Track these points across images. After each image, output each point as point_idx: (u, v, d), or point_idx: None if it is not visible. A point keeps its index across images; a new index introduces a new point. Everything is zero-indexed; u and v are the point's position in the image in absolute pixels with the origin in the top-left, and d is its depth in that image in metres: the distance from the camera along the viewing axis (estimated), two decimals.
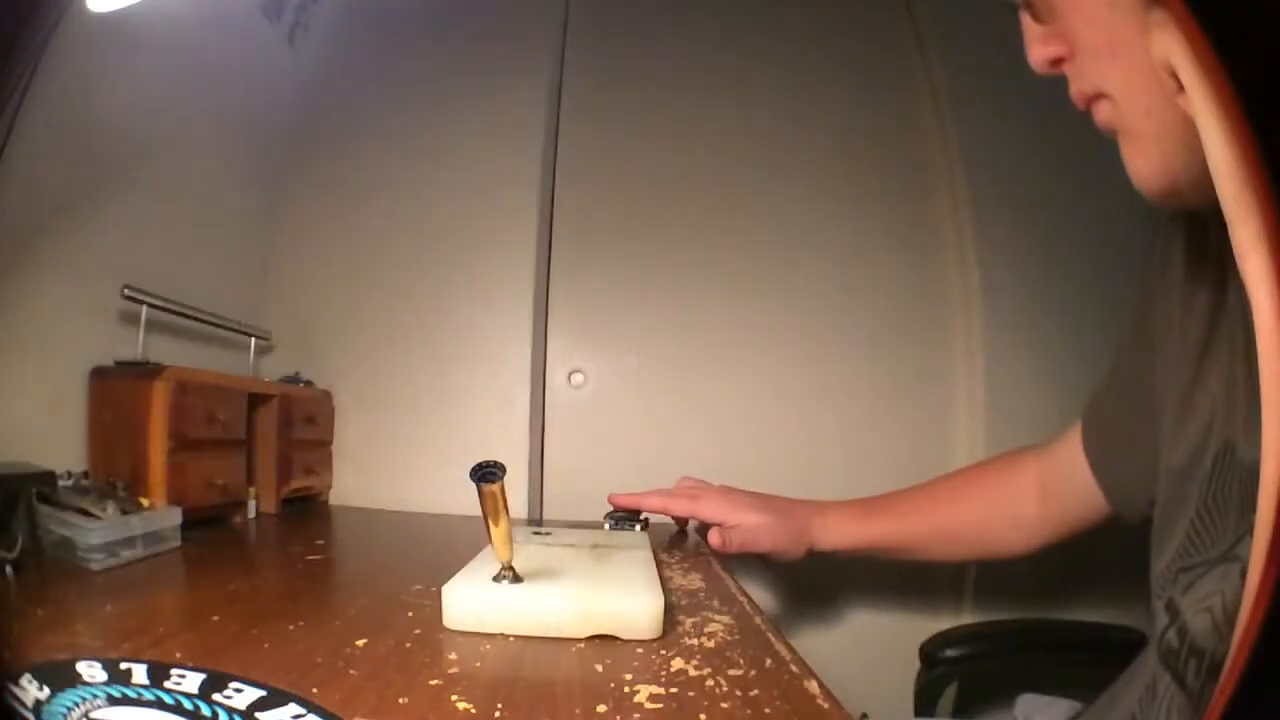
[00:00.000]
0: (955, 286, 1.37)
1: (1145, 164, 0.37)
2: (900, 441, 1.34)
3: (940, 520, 0.82)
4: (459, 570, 0.56)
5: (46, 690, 0.35)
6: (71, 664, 0.39)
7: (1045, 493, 0.74)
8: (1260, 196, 0.22)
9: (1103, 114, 0.38)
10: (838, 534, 0.85)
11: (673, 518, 0.98)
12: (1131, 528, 0.61)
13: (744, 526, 0.84)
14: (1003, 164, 1.35)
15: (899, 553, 0.85)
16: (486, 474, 0.48)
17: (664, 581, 0.61)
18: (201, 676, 0.39)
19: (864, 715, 0.91)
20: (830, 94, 1.43)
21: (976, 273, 1.33)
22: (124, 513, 0.71)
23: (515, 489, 1.11)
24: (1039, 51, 0.39)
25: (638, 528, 0.90)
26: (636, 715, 0.38)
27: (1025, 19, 0.40)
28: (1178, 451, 0.44)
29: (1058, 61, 0.39)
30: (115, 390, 0.86)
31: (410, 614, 0.55)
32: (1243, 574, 0.34)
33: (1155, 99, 0.32)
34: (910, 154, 1.42)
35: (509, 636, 0.50)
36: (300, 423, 1.16)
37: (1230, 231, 0.24)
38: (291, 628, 0.51)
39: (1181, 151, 0.33)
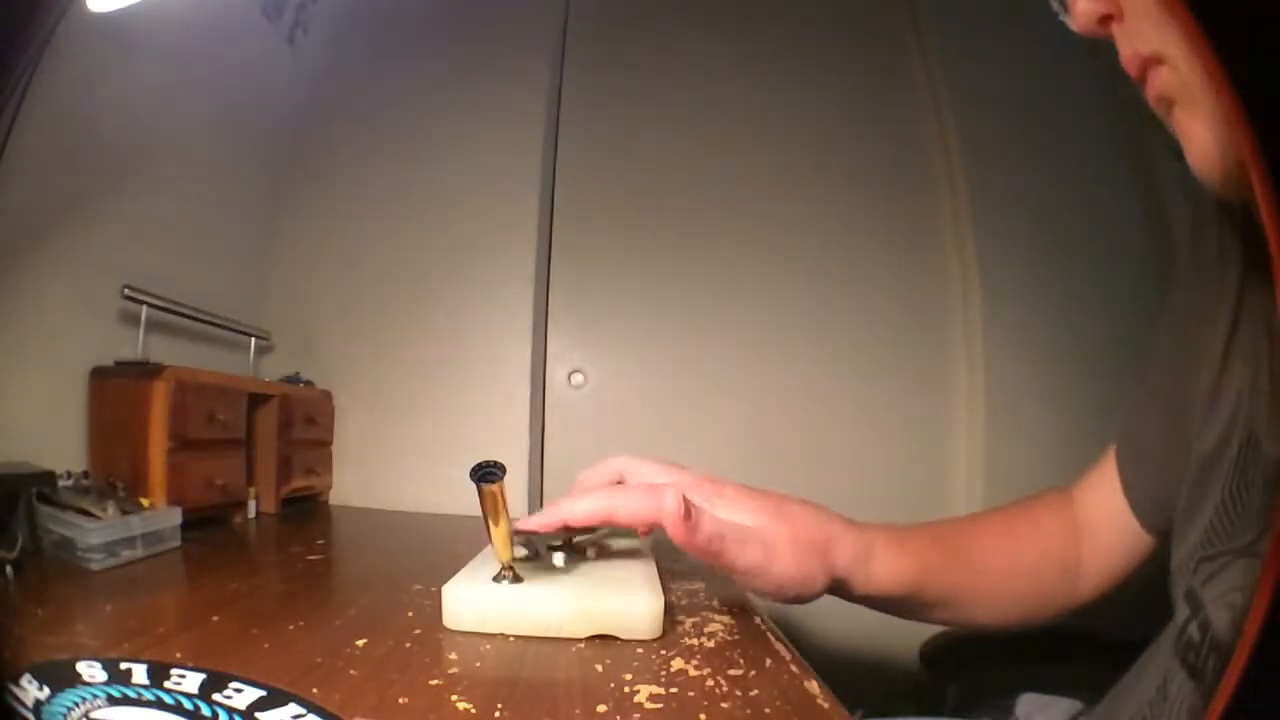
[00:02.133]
0: (956, 287, 1.37)
1: (1212, 137, 0.32)
2: (903, 440, 1.34)
3: (995, 564, 0.62)
4: (459, 570, 0.56)
5: (46, 690, 0.35)
6: (71, 664, 0.39)
7: (1083, 533, 0.62)
8: (1260, 178, 0.22)
9: (1160, 81, 0.33)
10: (887, 565, 0.56)
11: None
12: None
13: (722, 529, 0.49)
14: (1003, 169, 1.36)
15: (943, 607, 0.61)
16: (486, 474, 0.48)
17: (664, 581, 0.61)
18: (201, 676, 0.39)
19: (864, 715, 0.91)
20: (833, 99, 1.43)
21: (977, 274, 1.33)
22: (124, 513, 0.71)
23: (515, 489, 1.11)
24: (1085, 7, 0.34)
25: (558, 558, 0.58)
26: (636, 715, 0.38)
27: None
28: (1206, 437, 0.43)
29: (1106, 20, 0.34)
30: (115, 390, 0.86)
31: (410, 614, 0.55)
32: None
33: None
34: (912, 157, 1.42)
35: (509, 636, 0.50)
36: (300, 423, 1.16)
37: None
38: (291, 628, 0.51)
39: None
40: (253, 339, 1.23)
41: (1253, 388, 0.39)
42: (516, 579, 0.54)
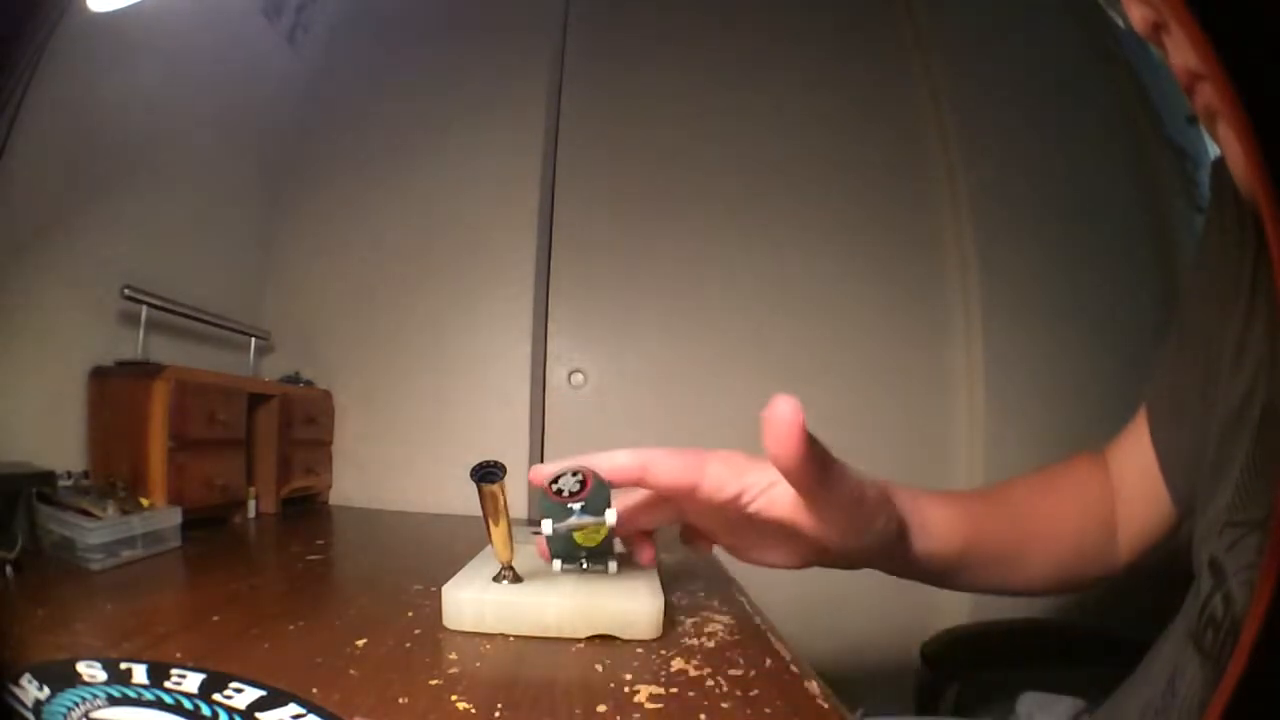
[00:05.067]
0: (957, 285, 1.37)
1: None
2: (904, 438, 1.34)
3: (1041, 522, 0.60)
4: (459, 570, 0.56)
5: (46, 690, 0.35)
6: (71, 664, 0.39)
7: (1118, 497, 0.60)
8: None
9: (1206, 95, 0.32)
10: (939, 518, 0.54)
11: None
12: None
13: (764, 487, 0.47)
14: (1004, 164, 1.36)
15: (990, 569, 0.58)
16: (486, 474, 0.48)
17: (664, 581, 0.61)
18: (201, 676, 0.39)
19: (864, 715, 0.91)
20: (833, 95, 1.43)
21: (977, 271, 1.33)
22: (124, 513, 0.71)
23: (515, 489, 1.11)
24: (1141, 13, 0.34)
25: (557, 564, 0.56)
26: (636, 715, 0.37)
27: None
28: (1233, 394, 0.42)
29: (1158, 28, 0.34)
30: (115, 390, 0.86)
31: (410, 614, 0.55)
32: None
33: None
34: (913, 153, 1.42)
35: (509, 636, 0.50)
36: (300, 423, 1.16)
37: None
38: (291, 628, 0.51)
39: None
40: (253, 339, 1.23)
41: (1271, 352, 0.38)
42: (516, 579, 0.54)
